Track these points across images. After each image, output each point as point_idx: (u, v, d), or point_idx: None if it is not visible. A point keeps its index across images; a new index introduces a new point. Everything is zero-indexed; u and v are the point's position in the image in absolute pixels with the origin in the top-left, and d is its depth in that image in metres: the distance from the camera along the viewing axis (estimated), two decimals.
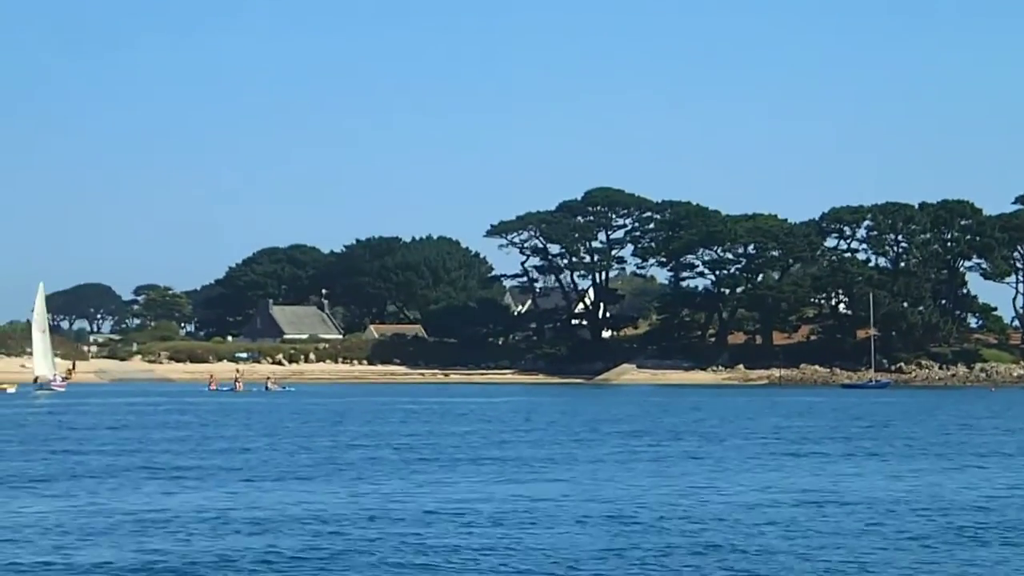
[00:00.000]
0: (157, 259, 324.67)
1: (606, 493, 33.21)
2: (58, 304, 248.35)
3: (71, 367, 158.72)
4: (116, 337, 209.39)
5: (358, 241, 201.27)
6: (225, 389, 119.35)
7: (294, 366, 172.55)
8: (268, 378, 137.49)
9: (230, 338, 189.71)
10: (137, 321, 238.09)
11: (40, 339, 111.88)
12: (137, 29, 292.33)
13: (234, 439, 53.37)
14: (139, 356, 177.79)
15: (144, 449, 47.79)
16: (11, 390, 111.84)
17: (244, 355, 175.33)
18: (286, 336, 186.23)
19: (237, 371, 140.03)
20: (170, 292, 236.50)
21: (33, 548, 24.14)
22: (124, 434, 56.86)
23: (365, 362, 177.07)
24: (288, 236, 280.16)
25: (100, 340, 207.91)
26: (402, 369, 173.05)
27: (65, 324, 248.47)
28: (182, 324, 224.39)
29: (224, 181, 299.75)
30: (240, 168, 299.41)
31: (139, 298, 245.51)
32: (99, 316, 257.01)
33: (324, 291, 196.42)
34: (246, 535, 25.65)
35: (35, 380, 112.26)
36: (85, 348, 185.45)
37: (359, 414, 76.06)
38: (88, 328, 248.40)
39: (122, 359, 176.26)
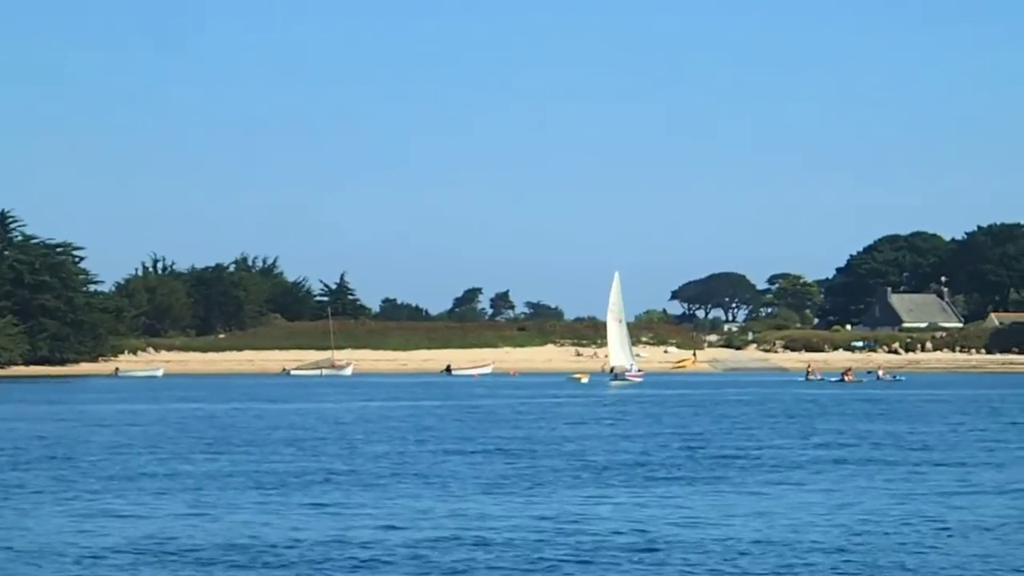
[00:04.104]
0: (790, 247, 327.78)
1: None
2: (693, 293, 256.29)
3: (693, 355, 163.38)
4: (744, 326, 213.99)
5: (979, 228, 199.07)
6: (833, 380, 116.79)
7: (910, 355, 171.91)
8: (879, 367, 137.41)
9: (848, 327, 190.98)
10: (770, 310, 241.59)
11: (616, 329, 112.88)
12: None
13: None
14: (754, 345, 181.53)
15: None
16: (584, 380, 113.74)
17: (860, 344, 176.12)
18: (904, 324, 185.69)
19: (849, 367, 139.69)
20: (801, 281, 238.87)
21: None
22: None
23: (983, 351, 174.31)
24: (909, 223, 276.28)
25: (734, 329, 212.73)
26: (1020, 358, 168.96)
27: (700, 313, 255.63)
28: (817, 314, 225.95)
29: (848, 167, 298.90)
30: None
31: (772, 287, 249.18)
32: (733, 305, 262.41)
33: (943, 279, 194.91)
34: None
35: (610, 370, 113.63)
36: (702, 337, 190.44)
37: None
38: (723, 317, 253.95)
39: (737, 348, 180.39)
